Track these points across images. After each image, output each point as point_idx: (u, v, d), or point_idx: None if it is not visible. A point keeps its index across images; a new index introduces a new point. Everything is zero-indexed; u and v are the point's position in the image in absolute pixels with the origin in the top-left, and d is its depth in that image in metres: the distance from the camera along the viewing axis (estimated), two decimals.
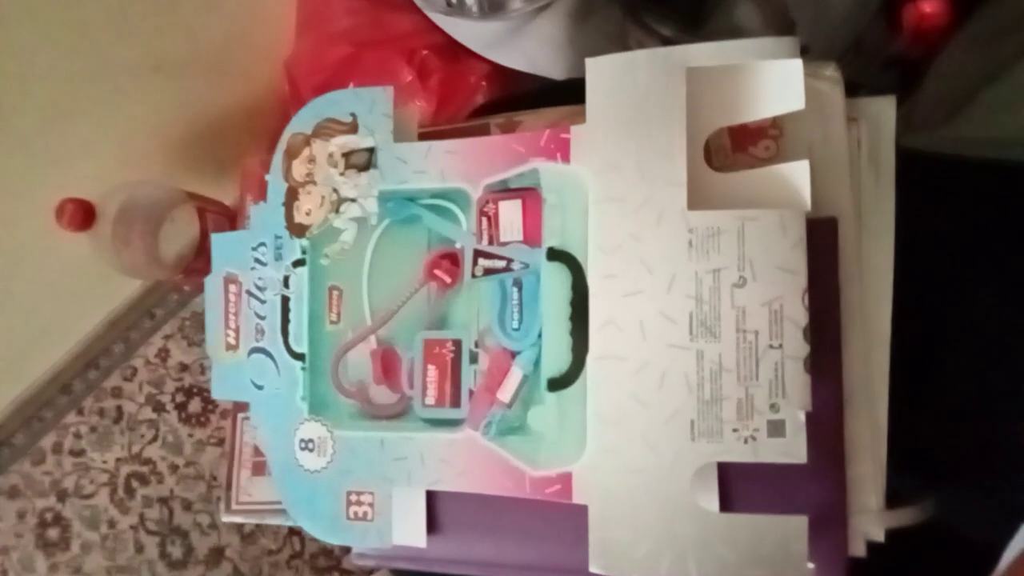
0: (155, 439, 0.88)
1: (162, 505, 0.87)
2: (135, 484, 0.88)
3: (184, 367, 0.90)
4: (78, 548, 0.88)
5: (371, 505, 0.38)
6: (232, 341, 0.42)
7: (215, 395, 0.44)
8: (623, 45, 0.51)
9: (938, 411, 0.39)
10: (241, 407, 0.45)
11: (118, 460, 0.89)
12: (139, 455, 0.88)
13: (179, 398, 0.89)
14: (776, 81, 0.34)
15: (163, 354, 0.90)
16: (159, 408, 0.89)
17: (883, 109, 0.37)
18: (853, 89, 0.37)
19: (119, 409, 0.90)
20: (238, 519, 0.45)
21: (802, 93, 0.33)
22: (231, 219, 0.64)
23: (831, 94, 0.37)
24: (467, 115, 0.58)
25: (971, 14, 0.46)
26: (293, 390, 0.40)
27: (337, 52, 0.62)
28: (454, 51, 0.57)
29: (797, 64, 0.33)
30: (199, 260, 0.63)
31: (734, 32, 0.49)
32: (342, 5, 0.62)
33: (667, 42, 0.49)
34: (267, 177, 0.41)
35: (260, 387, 0.41)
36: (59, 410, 0.91)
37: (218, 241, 0.44)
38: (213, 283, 0.44)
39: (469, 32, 0.54)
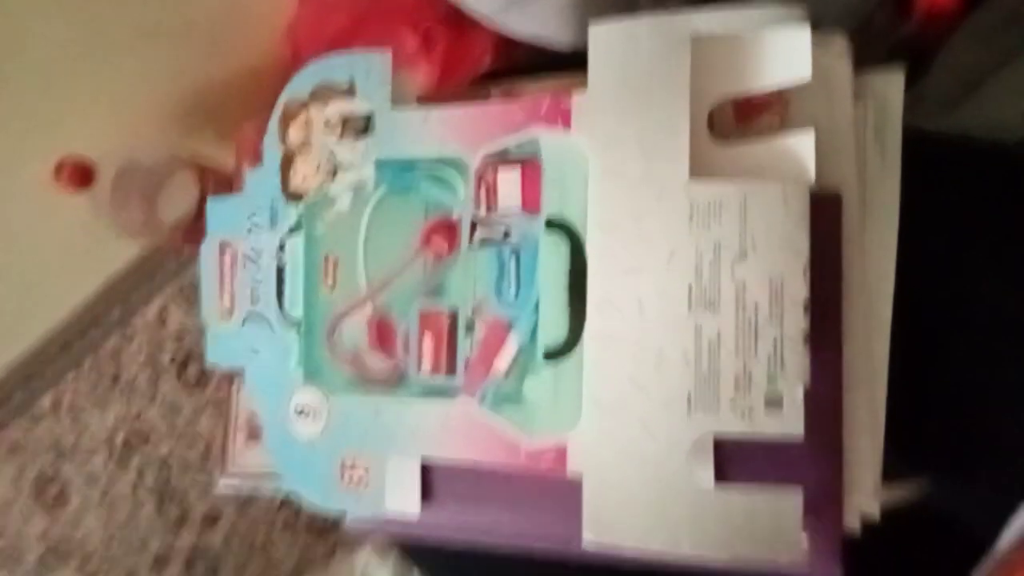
0: (153, 401, 0.89)
1: (161, 465, 0.88)
2: (134, 442, 0.89)
3: (184, 330, 0.90)
4: (77, 504, 0.89)
5: (366, 471, 0.38)
6: (227, 307, 0.42)
7: (209, 361, 0.44)
8: (634, 9, 0.50)
9: (936, 396, 0.39)
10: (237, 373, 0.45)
11: (117, 419, 0.89)
12: (138, 415, 0.89)
13: (178, 360, 0.89)
14: (783, 50, 0.33)
15: (163, 316, 0.90)
16: (158, 370, 0.89)
17: (890, 85, 0.37)
18: (860, 66, 0.37)
19: (117, 371, 0.90)
20: (234, 481, 0.45)
21: (809, 62, 0.32)
22: (230, 184, 0.64)
23: (838, 68, 0.36)
24: (470, 82, 0.57)
25: (982, 1, 0.45)
26: (288, 356, 0.39)
27: (340, 19, 0.61)
28: (459, 21, 0.55)
29: (805, 32, 0.32)
30: (198, 223, 0.62)
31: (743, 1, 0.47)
32: None
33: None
34: (263, 141, 0.40)
35: (255, 352, 0.41)
36: (58, 369, 0.91)
37: (213, 206, 0.43)
38: (207, 248, 0.43)
39: None
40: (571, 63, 0.41)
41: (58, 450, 0.89)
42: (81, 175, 0.56)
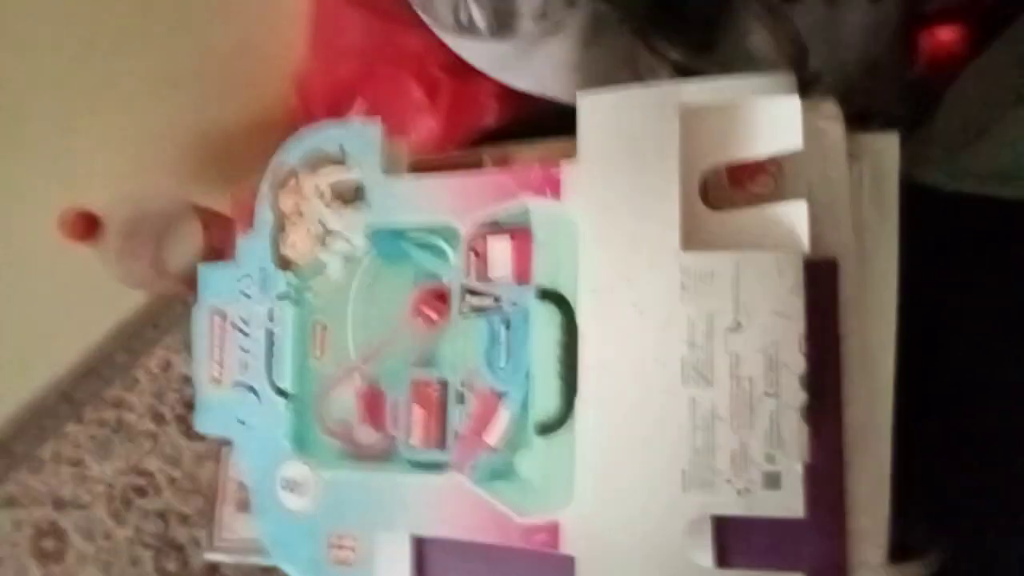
0: (154, 450, 0.88)
1: (159, 518, 0.87)
2: (132, 496, 0.87)
3: (186, 379, 0.89)
4: (73, 559, 0.87)
5: (353, 550, 0.36)
6: (216, 374, 0.41)
7: (198, 429, 0.43)
8: (633, 69, 0.50)
9: (944, 455, 0.38)
10: (226, 441, 0.44)
11: (116, 471, 0.88)
12: (137, 467, 0.87)
13: (179, 410, 0.88)
14: (773, 119, 0.33)
15: (165, 365, 0.89)
16: (159, 420, 0.88)
17: (886, 146, 0.36)
18: (863, 119, 0.36)
19: (119, 419, 0.89)
20: (219, 556, 0.44)
21: (800, 131, 0.32)
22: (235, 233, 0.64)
23: (831, 130, 0.36)
24: (469, 141, 0.57)
25: (988, 43, 0.45)
26: (277, 427, 0.39)
27: (348, 68, 0.62)
28: (464, 70, 0.56)
29: (794, 101, 0.32)
30: None
31: (745, 57, 0.47)
32: (354, 22, 0.62)
33: (677, 66, 0.48)
34: (255, 208, 0.40)
35: (243, 423, 0.40)
36: (60, 419, 0.90)
37: (204, 272, 0.43)
38: (199, 314, 0.43)
39: (478, 52, 0.54)
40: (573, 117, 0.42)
41: (56, 502, 0.88)
42: (86, 226, 0.56)
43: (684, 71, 0.48)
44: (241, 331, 0.40)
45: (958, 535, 0.37)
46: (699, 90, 0.33)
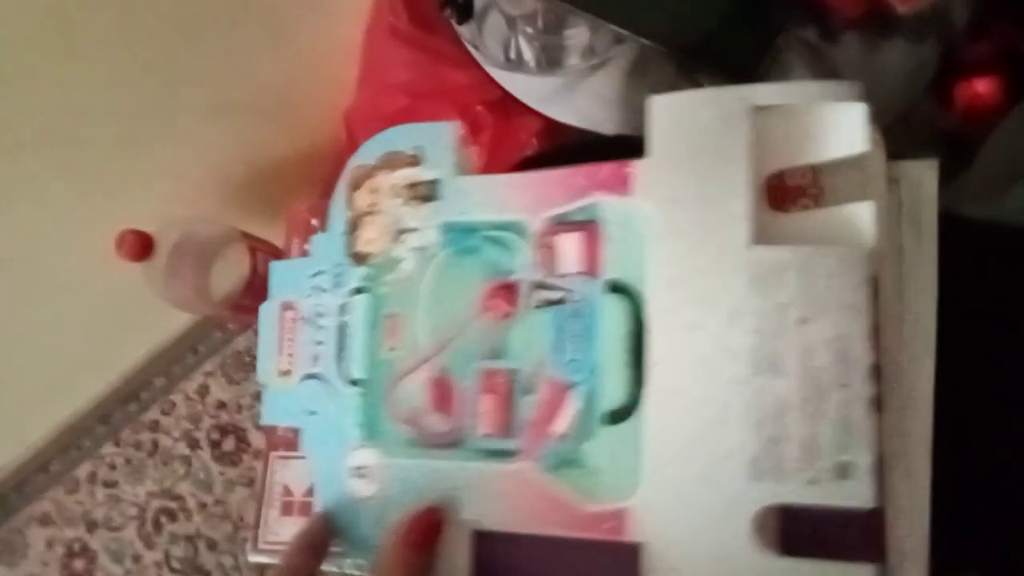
0: (187, 475, 0.88)
1: (188, 543, 0.87)
2: (163, 520, 0.88)
3: (222, 404, 0.90)
4: None
5: None
6: (286, 367, 0.43)
7: (265, 421, 0.44)
8: None
9: (980, 487, 0.38)
10: (274, 445, 0.45)
11: (149, 494, 0.89)
12: (169, 491, 0.88)
13: (214, 435, 0.89)
14: (840, 123, 0.34)
15: (203, 390, 0.90)
16: (193, 444, 0.89)
17: (925, 171, 0.37)
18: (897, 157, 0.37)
19: (155, 443, 0.90)
20: (264, 559, 0.44)
21: (867, 135, 0.33)
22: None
23: (873, 155, 0.36)
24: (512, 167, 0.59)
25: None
26: (347, 416, 0.40)
27: (394, 103, 0.65)
28: (506, 107, 0.59)
29: (861, 107, 0.33)
30: (246, 297, 0.64)
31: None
32: (402, 58, 0.65)
33: None
34: (330, 207, 0.42)
35: (313, 413, 0.41)
36: (97, 440, 0.92)
37: (276, 268, 0.45)
38: (268, 309, 0.44)
39: (525, 87, 0.56)
40: (615, 145, 0.43)
41: (88, 523, 0.89)
42: (141, 247, 0.58)
43: None
44: (313, 324, 0.42)
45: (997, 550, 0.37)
46: (770, 93, 0.34)
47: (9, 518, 0.90)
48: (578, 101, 0.55)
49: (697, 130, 0.35)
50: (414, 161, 0.40)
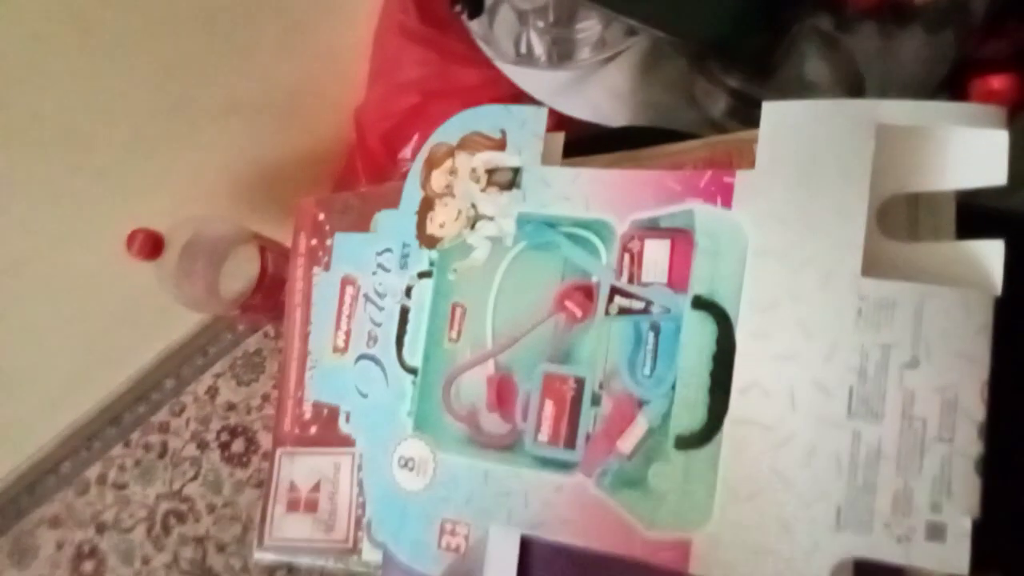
0: (196, 477, 0.88)
1: (197, 545, 0.87)
2: (172, 522, 0.88)
3: (231, 406, 0.90)
4: None
5: (465, 538, 0.36)
6: (341, 344, 0.41)
7: (312, 396, 0.43)
8: (688, 95, 0.51)
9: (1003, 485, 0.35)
10: (281, 442, 0.44)
11: (158, 496, 0.89)
12: (179, 492, 0.88)
13: (223, 437, 0.89)
14: (976, 151, 0.31)
15: (212, 392, 0.90)
16: (203, 446, 0.89)
17: None
18: None
19: (164, 444, 0.90)
20: (270, 555, 0.43)
21: (1005, 167, 0.30)
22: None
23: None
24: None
25: None
26: (400, 404, 0.38)
27: (405, 101, 0.65)
28: (519, 101, 0.57)
29: (1002, 136, 0.30)
30: (256, 297, 0.64)
31: (802, 85, 0.48)
32: (413, 57, 0.64)
33: (733, 93, 0.49)
34: (404, 184, 0.40)
35: (365, 395, 0.40)
36: (107, 441, 0.92)
37: (341, 240, 0.43)
38: (329, 282, 0.43)
39: (535, 81, 0.55)
40: (622, 137, 0.42)
41: (98, 525, 0.89)
42: (152, 246, 0.58)
43: (740, 98, 0.49)
44: (374, 303, 0.40)
45: None
46: (899, 111, 0.31)
47: (20, 520, 0.90)
48: (589, 95, 0.54)
49: (813, 144, 0.32)
50: (498, 144, 0.38)
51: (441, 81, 0.63)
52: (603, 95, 0.54)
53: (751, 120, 0.34)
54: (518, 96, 0.57)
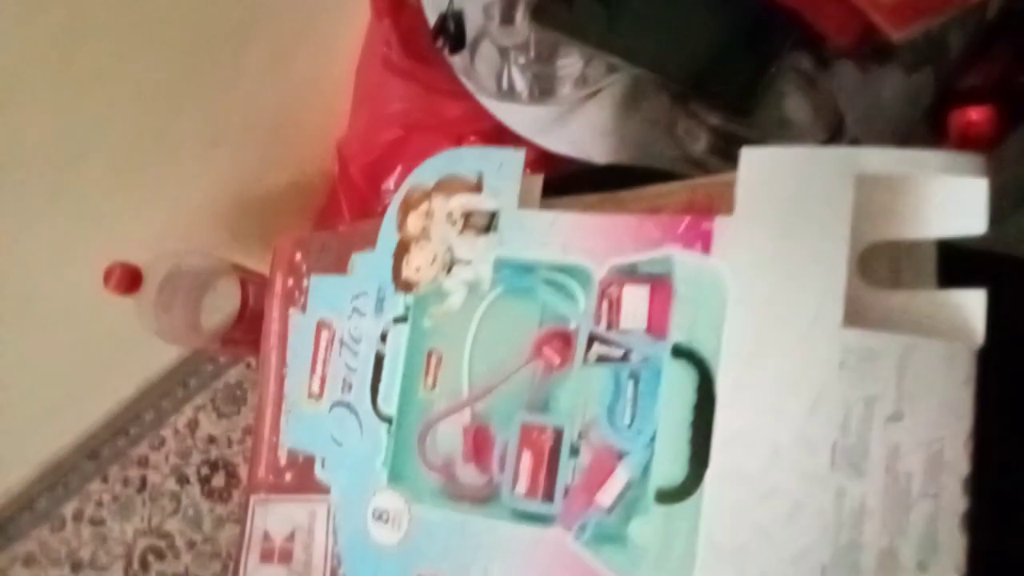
0: (176, 512, 0.86)
1: None
2: (151, 559, 0.85)
3: (212, 439, 0.89)
4: None
5: None
6: (316, 390, 0.40)
7: (287, 444, 0.42)
8: (670, 133, 0.51)
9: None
10: (254, 487, 0.43)
11: (136, 532, 0.86)
12: (158, 528, 0.86)
13: (204, 471, 0.87)
14: (955, 200, 0.30)
15: (192, 425, 0.88)
16: (183, 480, 0.87)
17: None
18: None
19: (143, 478, 0.88)
20: None
21: (985, 216, 0.30)
22: None
23: None
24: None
25: (1018, 125, 0.45)
26: (374, 454, 0.37)
27: (388, 134, 0.65)
28: (500, 137, 0.58)
29: (982, 184, 0.30)
30: (237, 330, 0.63)
31: (783, 123, 0.48)
32: (396, 89, 0.64)
33: (714, 131, 0.49)
34: (381, 225, 0.39)
35: (339, 443, 0.38)
36: (84, 476, 0.90)
37: (317, 283, 0.42)
38: (304, 324, 0.42)
39: (518, 117, 0.55)
40: (607, 176, 0.43)
41: (74, 563, 0.87)
42: (130, 280, 0.57)
43: (721, 135, 0.49)
44: (348, 348, 0.39)
45: None
46: (878, 158, 0.31)
47: None
48: (571, 131, 0.54)
49: (792, 191, 0.31)
50: (475, 187, 0.37)
51: (424, 114, 0.64)
52: (585, 131, 0.54)
53: (732, 157, 0.33)
54: (502, 129, 0.57)
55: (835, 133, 0.48)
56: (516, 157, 0.37)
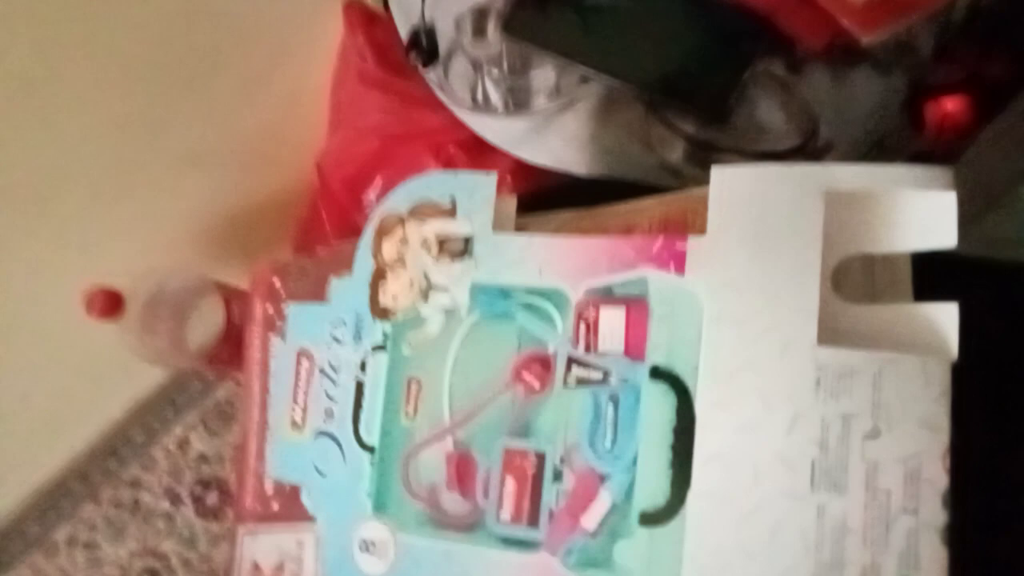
0: (170, 532, 0.86)
1: None
2: None
3: (204, 457, 0.88)
4: None
5: None
6: (298, 419, 0.40)
7: (271, 474, 0.41)
8: (645, 142, 0.51)
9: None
10: (242, 519, 0.43)
11: (131, 554, 0.86)
12: (153, 549, 0.85)
13: (196, 490, 0.86)
14: (925, 213, 0.30)
15: (183, 444, 0.88)
16: (176, 500, 0.86)
17: None
18: None
19: (136, 500, 0.88)
20: None
21: (954, 230, 0.30)
22: None
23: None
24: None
25: (995, 113, 0.45)
26: (358, 483, 0.37)
27: (367, 146, 0.64)
28: (480, 147, 0.58)
29: (950, 197, 0.30)
30: (223, 349, 0.62)
31: (756, 128, 0.49)
32: (373, 102, 0.64)
33: (689, 139, 0.49)
34: (356, 252, 0.39)
35: (322, 473, 0.38)
36: (76, 500, 0.89)
37: (295, 312, 0.42)
38: (285, 354, 0.42)
39: (494, 129, 0.55)
40: (587, 189, 0.42)
41: None
42: (112, 305, 0.56)
43: (696, 143, 0.49)
44: (329, 377, 0.39)
45: None
46: (848, 175, 0.31)
47: None
48: (548, 142, 0.54)
49: (763, 210, 0.31)
50: (448, 212, 0.37)
51: (402, 125, 0.63)
52: (561, 142, 0.54)
53: (708, 165, 0.33)
54: (481, 139, 0.56)
55: (809, 137, 0.48)
56: (488, 181, 0.37)
